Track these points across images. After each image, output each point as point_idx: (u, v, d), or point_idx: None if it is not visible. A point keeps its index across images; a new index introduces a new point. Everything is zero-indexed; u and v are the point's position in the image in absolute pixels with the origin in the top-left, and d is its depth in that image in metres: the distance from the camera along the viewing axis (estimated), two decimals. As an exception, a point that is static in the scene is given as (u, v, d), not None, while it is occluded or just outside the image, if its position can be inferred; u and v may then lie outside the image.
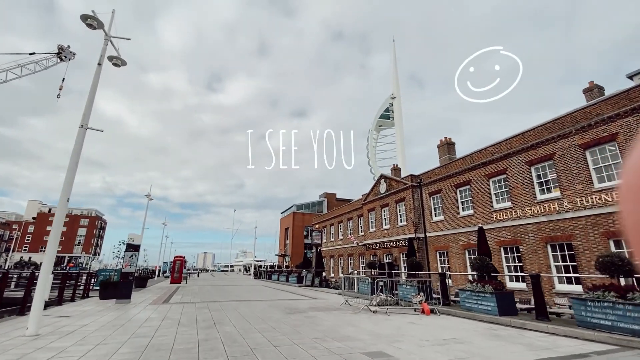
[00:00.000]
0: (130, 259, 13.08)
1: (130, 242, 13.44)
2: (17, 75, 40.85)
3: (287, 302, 13.50)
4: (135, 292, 18.37)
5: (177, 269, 29.95)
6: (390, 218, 25.40)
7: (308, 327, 7.74)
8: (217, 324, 7.82)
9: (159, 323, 7.92)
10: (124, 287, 12.75)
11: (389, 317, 9.74)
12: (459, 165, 20.11)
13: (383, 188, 26.83)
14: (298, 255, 55.15)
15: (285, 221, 63.78)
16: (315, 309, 11.31)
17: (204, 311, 10.23)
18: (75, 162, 7.41)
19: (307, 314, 9.99)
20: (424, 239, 22.01)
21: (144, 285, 23.76)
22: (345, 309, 11.56)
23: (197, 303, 12.74)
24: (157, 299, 14.22)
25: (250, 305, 12.19)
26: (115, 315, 9.21)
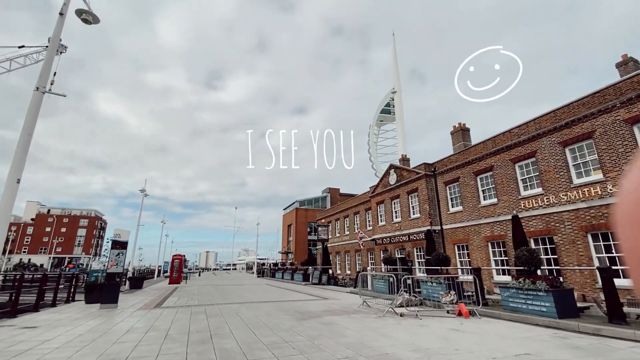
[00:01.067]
0: (116, 258, 11.46)
1: (117, 238, 11.83)
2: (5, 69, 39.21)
3: (296, 303, 11.89)
4: (128, 294, 16.80)
5: (176, 268, 28.39)
6: (402, 210, 23.74)
7: (329, 338, 6.11)
8: (213, 337, 6.19)
9: (141, 336, 6.29)
10: (109, 290, 11.14)
11: (421, 321, 8.11)
12: (479, 151, 18.41)
13: (393, 179, 25.16)
14: (302, 252, 53.62)
15: (288, 218, 62.19)
16: (331, 312, 9.68)
17: (199, 318, 8.61)
18: (28, 133, 5.76)
19: (322, 319, 8.37)
20: (440, 232, 20.36)
21: (140, 286, 22.19)
22: (365, 311, 9.94)
23: (193, 307, 11.12)
24: (150, 303, 12.62)
25: (254, 308, 10.57)
26: (92, 326, 7.59)
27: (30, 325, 7.62)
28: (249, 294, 16.42)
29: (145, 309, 10.73)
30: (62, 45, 30.54)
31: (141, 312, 9.97)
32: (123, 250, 11.67)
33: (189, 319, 8.45)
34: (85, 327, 7.36)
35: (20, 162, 5.61)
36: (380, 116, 57.82)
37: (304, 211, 57.97)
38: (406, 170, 23.92)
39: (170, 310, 10.12)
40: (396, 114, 55.55)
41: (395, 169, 25.17)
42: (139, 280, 22.75)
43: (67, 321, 8.30)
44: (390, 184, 25.32)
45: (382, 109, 57.31)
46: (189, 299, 13.80)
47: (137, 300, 13.75)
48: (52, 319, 8.72)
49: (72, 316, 9.19)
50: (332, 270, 32.43)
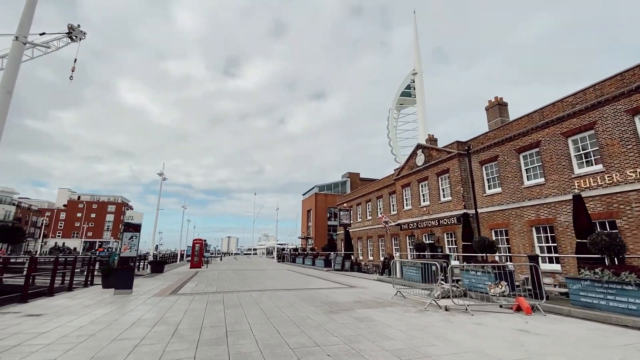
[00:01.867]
0: (129, 242, 10.75)
1: (130, 221, 11.10)
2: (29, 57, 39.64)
3: (321, 292, 10.84)
4: (148, 279, 16.42)
5: (197, 252, 28.22)
6: (431, 193, 22.09)
7: (370, 340, 4.93)
8: (229, 335, 5.16)
9: (146, 332, 5.36)
10: (123, 276, 10.47)
11: (474, 318, 6.81)
12: (523, 125, 16.39)
13: (420, 160, 23.40)
14: (322, 238, 52.95)
15: (307, 203, 61.46)
16: (362, 303, 8.53)
17: (216, 308, 7.68)
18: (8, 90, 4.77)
19: (355, 312, 7.22)
20: (475, 216, 18.67)
21: (161, 270, 22.00)
22: (401, 303, 8.73)
23: (211, 294, 10.30)
24: (167, 289, 11.96)
25: (276, 297, 9.59)
26: (98, 315, 6.79)
27: (36, 313, 6.92)
28: (270, 280, 15.60)
29: (161, 295, 10.00)
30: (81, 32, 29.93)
31: (155, 299, 9.21)
32: (136, 234, 10.93)
33: (204, 309, 7.53)
34: (90, 317, 6.56)
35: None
36: (400, 99, 55.31)
37: (323, 196, 56.98)
38: (436, 150, 22.10)
39: (186, 298, 9.31)
40: (417, 97, 52.90)
41: (424, 149, 23.37)
42: (160, 264, 22.56)
43: (77, 308, 7.59)
44: (418, 165, 23.60)
45: (402, 92, 54.78)
46: (208, 285, 13.09)
47: (155, 285, 13.18)
48: (62, 305, 8.06)
49: (83, 302, 8.53)
50: (354, 256, 31.39)
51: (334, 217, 56.21)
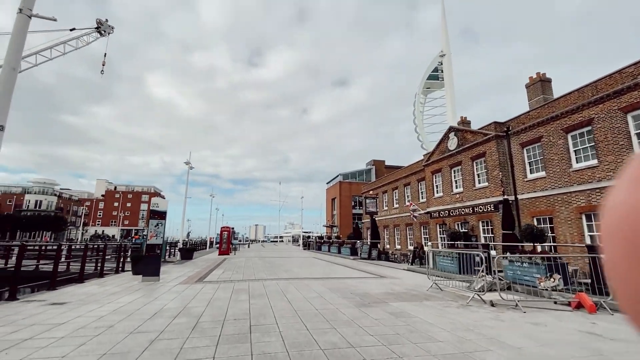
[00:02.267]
0: (155, 229, 10.67)
1: (155, 208, 11.01)
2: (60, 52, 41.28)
3: (350, 282, 10.27)
4: (177, 266, 16.62)
5: (225, 240, 28.62)
6: (465, 179, 20.73)
7: (411, 342, 4.28)
8: (253, 330, 4.69)
9: (166, 324, 5.02)
10: (150, 263, 10.43)
11: (527, 316, 5.96)
12: (572, 101, 14.69)
13: (453, 143, 21.97)
14: (347, 226, 52.43)
15: (332, 191, 60.95)
16: (396, 296, 7.86)
17: (241, 298, 7.31)
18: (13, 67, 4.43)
19: (390, 306, 6.57)
20: (514, 202, 17.25)
21: (190, 257, 22.42)
22: (438, 295, 7.98)
23: (236, 282, 10.03)
24: (194, 276, 11.89)
25: (303, 286, 9.14)
26: (122, 304, 6.61)
27: (60, 301, 6.86)
28: (297, 268, 15.27)
29: (187, 283, 9.85)
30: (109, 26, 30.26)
31: (181, 287, 9.04)
32: (162, 221, 10.83)
33: (228, 299, 7.18)
34: (113, 306, 6.38)
35: (3, 105, 4.32)
36: (426, 83, 52.86)
37: (347, 184, 56.18)
38: (470, 133, 20.59)
39: (212, 286, 9.06)
40: (445, 80, 50.24)
41: (456, 132, 21.88)
42: (190, 251, 22.99)
43: (102, 296, 7.50)
44: (450, 149, 22.19)
45: (429, 75, 52.23)
46: (234, 273, 12.92)
47: (183, 272, 13.20)
48: (89, 292, 8.04)
49: (110, 290, 8.49)
50: (381, 244, 30.61)
51: (358, 205, 55.40)
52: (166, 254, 21.23)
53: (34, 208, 73.53)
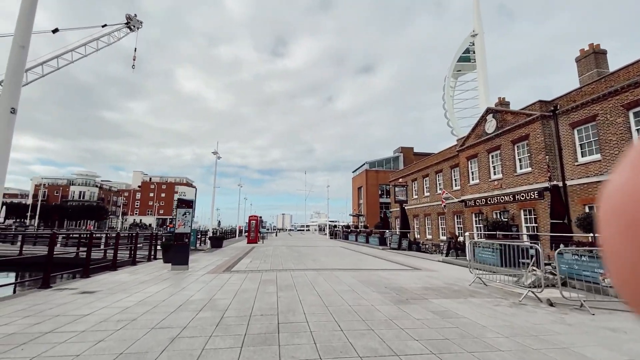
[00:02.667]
0: (183, 218, 10.58)
1: (182, 197, 10.92)
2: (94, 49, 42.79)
3: (382, 273, 9.66)
4: (207, 254, 16.79)
5: (253, 228, 28.89)
6: (504, 165, 19.18)
7: (467, 352, 3.62)
8: (281, 328, 4.24)
9: (190, 318, 4.70)
10: (178, 252, 10.39)
11: (598, 319, 5.08)
12: (636, 73, 12.85)
13: (491, 126, 20.35)
14: (374, 215, 51.51)
15: (358, 180, 59.96)
16: (436, 291, 7.16)
17: (268, 290, 6.94)
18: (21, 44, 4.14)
19: (430, 303, 5.90)
20: (563, 189, 15.66)
21: (220, 246, 22.77)
22: (483, 291, 7.18)
23: (264, 272, 9.75)
24: (222, 265, 11.79)
25: (333, 278, 8.65)
26: (148, 294, 6.45)
27: (90, 290, 6.83)
28: (325, 257, 14.86)
29: (214, 272, 9.70)
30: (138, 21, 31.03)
31: (208, 276, 8.87)
32: (189, 210, 10.72)
33: (255, 290, 6.83)
34: (140, 296, 6.22)
35: (14, 86, 4.07)
36: (457, 65, 50.00)
37: (374, 173, 54.91)
38: (511, 114, 18.91)
39: (239, 277, 8.81)
40: (477, 61, 47.12)
41: (495, 114, 20.21)
42: (219, 239, 23.36)
43: (131, 285, 7.44)
44: (487, 132, 20.59)
45: (460, 57, 49.29)
46: (262, 262, 12.72)
47: (212, 261, 13.19)
48: (119, 281, 8.04)
49: (140, 278, 8.47)
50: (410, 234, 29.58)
51: (385, 194, 54.13)
52: (197, 243, 21.66)
53: (78, 198, 78.85)
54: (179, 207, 10.66)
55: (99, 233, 24.92)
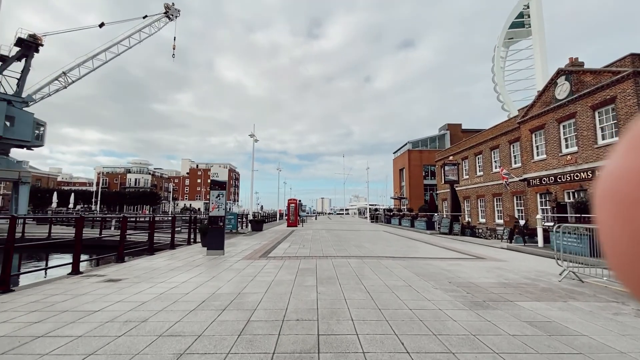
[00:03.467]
0: (217, 200, 9.92)
1: (216, 178, 10.25)
2: (137, 40, 44.19)
3: (439, 263, 8.21)
4: (246, 237, 16.41)
5: (292, 212, 28.46)
6: (581, 135, 16.17)
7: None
8: (323, 344, 3.13)
9: (211, 320, 3.77)
10: (213, 236, 9.79)
11: None
12: None
13: (563, 90, 17.21)
14: (417, 198, 48.89)
15: (399, 161, 57.09)
16: (517, 288, 5.61)
17: (307, 282, 5.91)
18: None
19: (520, 308, 4.43)
20: (665, 162, 12.61)
21: (260, 229, 22.55)
22: (583, 290, 5.49)
23: (302, 259, 8.79)
24: (260, 249, 11.10)
25: (381, 268, 7.42)
26: (173, 284, 5.75)
27: (117, 277, 6.31)
28: (369, 243, 13.63)
29: (250, 259, 8.95)
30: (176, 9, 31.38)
31: (243, 263, 8.11)
32: (222, 191, 10.02)
33: (292, 283, 5.83)
34: (164, 287, 5.52)
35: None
36: (508, 33, 44.46)
37: (417, 153, 51.75)
38: (591, 73, 15.69)
39: (275, 264, 7.93)
40: (533, 25, 41.43)
41: (569, 75, 16.99)
42: (259, 223, 23.14)
43: (160, 272, 6.85)
44: (558, 98, 17.47)
45: (512, 23, 43.73)
46: (301, 247, 11.85)
47: (250, 245, 12.61)
48: (150, 267, 7.54)
49: (173, 264, 7.93)
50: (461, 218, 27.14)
51: (430, 175, 50.95)
52: (237, 226, 21.59)
53: (134, 185, 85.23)
54: (212, 189, 10.00)
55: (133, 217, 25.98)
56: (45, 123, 33.09)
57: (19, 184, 29.79)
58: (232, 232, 20.94)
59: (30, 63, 32.31)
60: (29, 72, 32.26)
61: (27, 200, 30.92)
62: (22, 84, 31.60)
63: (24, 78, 31.85)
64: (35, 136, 31.73)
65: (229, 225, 21.40)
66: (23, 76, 31.82)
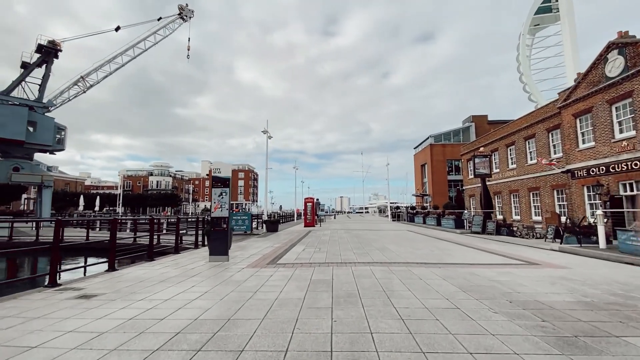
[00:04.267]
0: (219, 199, 8.77)
1: (217, 174, 9.11)
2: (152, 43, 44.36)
3: (486, 272, 6.66)
4: (259, 239, 15.30)
5: (309, 211, 27.22)
6: None
7: None
8: None
9: (167, 377, 2.52)
10: (215, 239, 8.66)
11: None
12: None
13: (616, 67, 14.95)
14: (441, 195, 46.48)
15: (421, 157, 54.64)
16: (610, 312, 4.04)
17: (319, 302, 4.58)
18: None
19: (637, 349, 2.93)
20: None
21: (275, 230, 21.48)
22: None
23: (317, 266, 7.48)
24: (269, 254, 9.89)
25: (414, 279, 5.98)
26: (154, 303, 4.59)
27: (93, 293, 5.24)
28: (393, 245, 12.13)
29: (256, 266, 7.73)
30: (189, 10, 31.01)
31: (246, 272, 6.89)
32: (225, 189, 8.86)
33: (300, 303, 4.53)
34: (140, 307, 4.36)
35: None
36: (534, 19, 41.63)
37: (440, 147, 49.24)
38: (652, 44, 13.40)
39: (283, 274, 6.66)
40: (561, 9, 38.47)
41: (622, 48, 14.71)
42: (274, 223, 22.06)
43: (146, 285, 5.74)
44: (610, 76, 15.21)
45: (538, 8, 40.91)
46: (316, 250, 10.56)
47: (260, 248, 11.45)
48: (139, 277, 6.46)
49: (166, 274, 6.83)
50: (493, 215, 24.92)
51: (454, 170, 48.35)
52: (251, 227, 20.63)
53: (156, 188, 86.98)
54: (214, 187, 8.87)
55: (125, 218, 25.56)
56: (65, 127, 33.56)
57: (42, 188, 30.27)
58: (247, 233, 19.96)
59: (50, 69, 32.84)
60: (49, 78, 32.80)
61: (50, 203, 31.39)
62: (42, 90, 32.15)
63: (44, 84, 32.40)
64: (56, 140, 32.20)
65: (242, 226, 20.46)
66: (44, 82, 32.37)
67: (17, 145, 28.73)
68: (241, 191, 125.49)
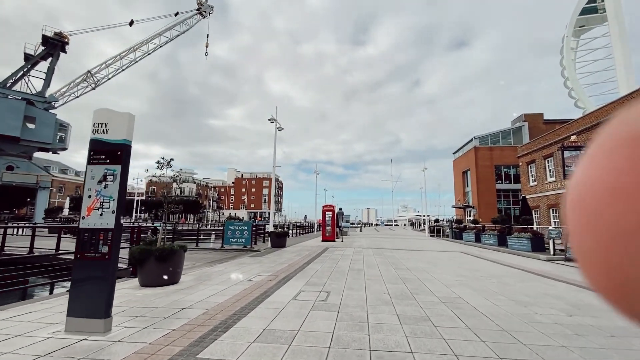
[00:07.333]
0: (100, 188, 4.01)
1: (99, 136, 4.37)
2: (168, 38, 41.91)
3: None
4: (252, 259, 10.46)
5: (328, 222, 22.06)
6: None
7: None
8: None
9: None
10: (83, 283, 3.83)
11: None
12: None
13: None
14: (488, 206, 39.55)
15: (462, 162, 47.87)
16: None
17: None
18: None
19: None
20: None
21: (282, 245, 16.62)
22: None
23: None
24: (225, 306, 4.92)
25: None
26: None
27: None
28: (457, 283, 6.73)
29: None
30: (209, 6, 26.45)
31: None
32: (113, 168, 4.09)
33: None
34: None
35: None
36: (579, 20, 36.35)
37: (487, 150, 42.49)
38: None
39: None
40: (608, 11, 33.81)
41: None
42: (281, 236, 17.15)
43: None
44: None
45: (583, 9, 36.27)
46: (322, 296, 5.47)
47: (230, 284, 6.49)
48: None
49: None
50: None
51: (504, 178, 41.29)
52: (252, 240, 15.94)
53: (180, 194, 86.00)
54: (91, 164, 4.13)
55: None
56: (69, 124, 31.21)
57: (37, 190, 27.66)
58: (245, 248, 15.26)
59: (55, 63, 30.84)
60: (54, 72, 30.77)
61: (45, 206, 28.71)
62: (46, 84, 30.07)
63: (49, 78, 30.37)
64: (58, 138, 29.80)
65: (240, 239, 15.78)
66: (48, 76, 30.35)
67: (12, 141, 26.37)
68: (265, 199, 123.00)
